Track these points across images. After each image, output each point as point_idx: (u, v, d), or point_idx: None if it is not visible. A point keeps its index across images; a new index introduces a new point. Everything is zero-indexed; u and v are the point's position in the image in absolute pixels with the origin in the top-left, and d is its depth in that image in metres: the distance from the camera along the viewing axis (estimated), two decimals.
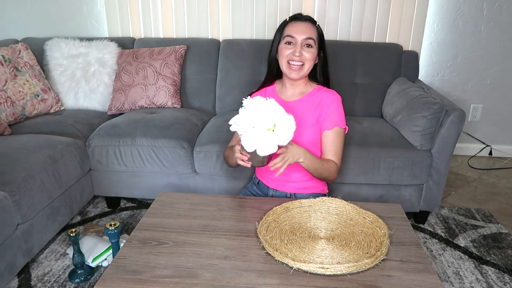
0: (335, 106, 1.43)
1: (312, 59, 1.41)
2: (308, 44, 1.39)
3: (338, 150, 1.44)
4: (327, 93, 1.46)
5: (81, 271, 1.60)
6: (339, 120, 1.43)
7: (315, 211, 1.27)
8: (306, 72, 1.43)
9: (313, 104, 1.45)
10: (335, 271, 0.98)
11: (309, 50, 1.39)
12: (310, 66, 1.42)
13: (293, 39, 1.39)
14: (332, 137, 1.42)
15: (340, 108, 1.44)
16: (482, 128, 2.88)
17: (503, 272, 1.68)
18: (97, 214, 2.12)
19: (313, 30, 1.41)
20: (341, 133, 1.44)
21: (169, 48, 2.35)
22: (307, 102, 1.45)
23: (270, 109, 1.15)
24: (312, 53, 1.40)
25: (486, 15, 2.60)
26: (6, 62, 2.13)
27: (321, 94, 1.46)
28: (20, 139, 1.81)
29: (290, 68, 1.41)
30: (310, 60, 1.41)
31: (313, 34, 1.40)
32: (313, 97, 1.46)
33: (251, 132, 1.15)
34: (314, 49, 1.41)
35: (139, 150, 1.93)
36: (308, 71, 1.43)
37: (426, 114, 1.80)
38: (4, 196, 1.43)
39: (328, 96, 1.44)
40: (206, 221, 1.24)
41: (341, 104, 1.45)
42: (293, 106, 1.46)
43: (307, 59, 1.40)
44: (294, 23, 1.42)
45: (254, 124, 1.14)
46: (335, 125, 1.41)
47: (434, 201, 1.94)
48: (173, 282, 0.97)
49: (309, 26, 1.41)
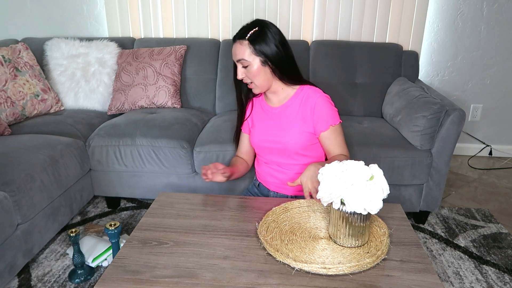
0: (321, 106, 1.40)
1: (256, 74, 1.36)
2: (243, 65, 1.37)
3: (342, 143, 1.44)
4: (309, 94, 1.42)
5: (81, 271, 1.60)
6: (330, 118, 1.41)
7: (314, 211, 1.27)
8: (263, 84, 1.39)
9: (296, 106, 1.43)
10: (337, 271, 0.98)
11: (246, 69, 1.37)
12: (261, 79, 1.38)
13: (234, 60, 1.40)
14: (331, 136, 1.42)
15: (327, 106, 1.41)
16: (482, 128, 2.88)
17: (503, 272, 1.68)
18: (97, 214, 2.12)
19: (242, 48, 1.35)
20: (337, 129, 1.43)
21: (169, 48, 2.35)
22: (291, 106, 1.44)
23: (352, 164, 1.07)
24: (250, 71, 1.36)
25: (486, 15, 2.60)
26: (6, 62, 2.12)
27: (303, 95, 1.43)
28: (20, 139, 1.81)
29: (249, 86, 1.43)
30: (255, 76, 1.37)
31: (242, 53, 1.35)
32: (296, 99, 1.44)
33: (353, 191, 1.03)
34: (251, 65, 1.35)
35: (139, 150, 1.93)
36: (265, 83, 1.39)
37: (426, 114, 1.80)
38: (4, 196, 1.43)
39: (311, 97, 1.41)
40: (206, 221, 1.24)
41: (326, 101, 1.41)
42: (279, 112, 1.46)
43: (249, 77, 1.38)
44: (233, 45, 1.40)
45: (352, 182, 1.04)
46: (329, 125, 1.40)
47: (434, 201, 1.94)
48: (173, 282, 0.97)
49: (237, 46, 1.37)
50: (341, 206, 1.05)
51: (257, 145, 1.52)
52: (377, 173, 1.05)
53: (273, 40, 1.35)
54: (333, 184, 1.05)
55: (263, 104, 1.52)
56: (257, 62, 1.36)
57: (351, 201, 1.02)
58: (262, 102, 1.53)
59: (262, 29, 1.35)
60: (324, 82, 2.39)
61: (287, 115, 1.44)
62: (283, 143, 1.43)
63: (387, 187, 1.06)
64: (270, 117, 1.48)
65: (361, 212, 1.03)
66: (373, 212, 1.03)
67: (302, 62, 2.41)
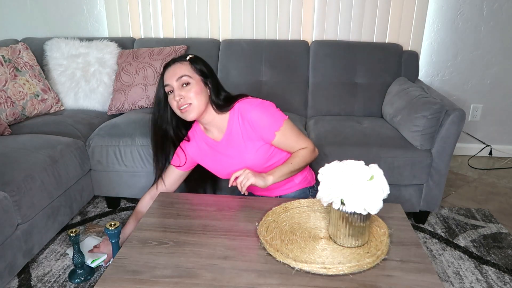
0: (257, 119, 1.36)
1: (196, 93, 1.34)
2: (183, 83, 1.35)
3: (296, 139, 1.42)
4: (242, 112, 1.38)
5: (81, 271, 1.60)
6: (272, 125, 1.37)
7: (314, 211, 1.27)
8: (201, 107, 1.36)
9: (237, 129, 1.40)
10: (337, 271, 0.98)
11: (187, 88, 1.35)
12: (201, 99, 1.36)
13: (169, 86, 1.36)
14: (281, 139, 1.39)
15: (262, 115, 1.36)
16: (482, 128, 2.88)
17: (503, 272, 1.68)
18: (97, 214, 2.12)
19: (183, 68, 1.36)
20: (284, 129, 1.38)
21: (169, 48, 2.35)
22: (233, 132, 1.41)
23: (352, 164, 1.07)
24: (190, 90, 1.34)
25: (486, 15, 2.60)
26: (6, 62, 2.12)
27: (237, 116, 1.39)
28: (20, 139, 1.81)
29: (182, 112, 1.36)
30: (196, 94, 1.35)
31: (184, 71, 1.36)
32: (234, 123, 1.40)
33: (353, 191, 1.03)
34: (194, 83, 1.35)
35: (139, 150, 1.93)
36: (201, 105, 1.36)
37: (426, 114, 1.80)
38: (4, 196, 1.43)
39: (244, 115, 1.37)
40: (206, 221, 1.24)
41: (259, 111, 1.37)
42: (226, 143, 1.43)
43: (189, 97, 1.34)
44: (166, 71, 1.39)
45: (352, 182, 1.04)
46: (274, 131, 1.37)
47: (434, 201, 1.94)
48: (173, 282, 0.97)
49: (177, 66, 1.37)
50: (341, 206, 1.05)
51: (225, 177, 1.50)
52: (377, 173, 1.05)
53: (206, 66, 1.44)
54: (333, 184, 1.05)
55: (207, 140, 1.48)
56: (198, 80, 1.38)
57: (351, 201, 1.02)
58: (205, 138, 1.49)
59: (196, 56, 1.44)
60: (324, 82, 2.39)
61: (234, 143, 1.41)
62: (247, 166, 1.40)
63: (387, 187, 1.06)
64: (220, 152, 1.46)
65: (361, 212, 1.03)
66: (373, 212, 1.03)
67: (302, 62, 2.41)
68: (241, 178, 1.30)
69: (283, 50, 2.43)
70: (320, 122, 2.16)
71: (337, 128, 2.04)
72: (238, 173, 1.32)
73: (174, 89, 1.36)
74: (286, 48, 2.44)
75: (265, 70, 2.41)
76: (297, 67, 2.40)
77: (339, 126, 2.08)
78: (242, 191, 1.31)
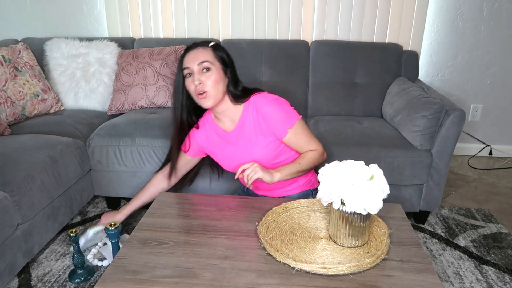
0: (272, 114, 1.36)
1: (215, 81, 1.34)
2: (204, 68, 1.34)
3: (307, 139, 1.42)
4: (257, 105, 1.38)
5: (81, 271, 1.60)
6: (285, 122, 1.37)
7: (314, 211, 1.27)
8: (217, 96, 1.36)
9: (250, 122, 1.40)
10: (337, 271, 0.98)
11: (207, 74, 1.34)
12: (218, 89, 1.35)
13: (189, 69, 1.35)
14: (293, 138, 1.39)
15: (278, 111, 1.37)
16: (482, 128, 2.88)
17: (503, 272, 1.68)
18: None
19: (206, 53, 1.36)
20: (297, 128, 1.39)
21: (169, 48, 2.35)
22: (246, 124, 1.41)
23: (352, 164, 1.07)
24: (210, 77, 1.34)
25: (486, 15, 2.60)
26: (6, 62, 2.12)
27: (252, 109, 1.39)
28: (20, 139, 1.81)
29: (199, 98, 1.35)
30: (215, 83, 1.34)
31: (207, 56, 1.35)
32: (247, 115, 1.40)
33: (353, 191, 1.03)
34: (214, 70, 1.35)
35: (139, 150, 1.93)
36: (219, 94, 1.36)
37: (426, 114, 1.80)
38: (4, 196, 1.43)
39: (259, 109, 1.37)
40: (206, 221, 1.24)
41: (275, 106, 1.37)
42: (236, 134, 1.43)
43: (208, 84, 1.33)
44: (187, 54, 1.37)
45: (352, 182, 1.04)
46: (286, 129, 1.37)
47: (434, 201, 1.94)
48: (173, 282, 0.97)
49: (200, 51, 1.36)
50: (341, 206, 1.05)
51: (231, 170, 1.50)
52: (377, 173, 1.05)
53: (228, 55, 1.42)
54: (333, 184, 1.05)
55: (217, 130, 1.48)
56: (219, 68, 1.37)
57: (351, 201, 1.02)
58: (216, 128, 1.48)
59: (218, 44, 1.42)
60: (324, 82, 2.39)
61: (245, 135, 1.41)
62: (255, 160, 1.40)
63: (387, 187, 1.06)
64: (230, 142, 1.45)
65: (361, 212, 1.03)
66: (373, 212, 1.03)
67: (302, 62, 2.41)
68: (249, 171, 1.30)
69: (283, 50, 2.43)
70: (320, 122, 2.16)
71: (337, 128, 2.04)
72: (246, 166, 1.31)
73: (194, 73, 1.34)
74: (286, 48, 2.44)
75: (265, 70, 2.41)
76: (297, 67, 2.40)
77: (339, 126, 2.08)
78: (248, 184, 1.30)
